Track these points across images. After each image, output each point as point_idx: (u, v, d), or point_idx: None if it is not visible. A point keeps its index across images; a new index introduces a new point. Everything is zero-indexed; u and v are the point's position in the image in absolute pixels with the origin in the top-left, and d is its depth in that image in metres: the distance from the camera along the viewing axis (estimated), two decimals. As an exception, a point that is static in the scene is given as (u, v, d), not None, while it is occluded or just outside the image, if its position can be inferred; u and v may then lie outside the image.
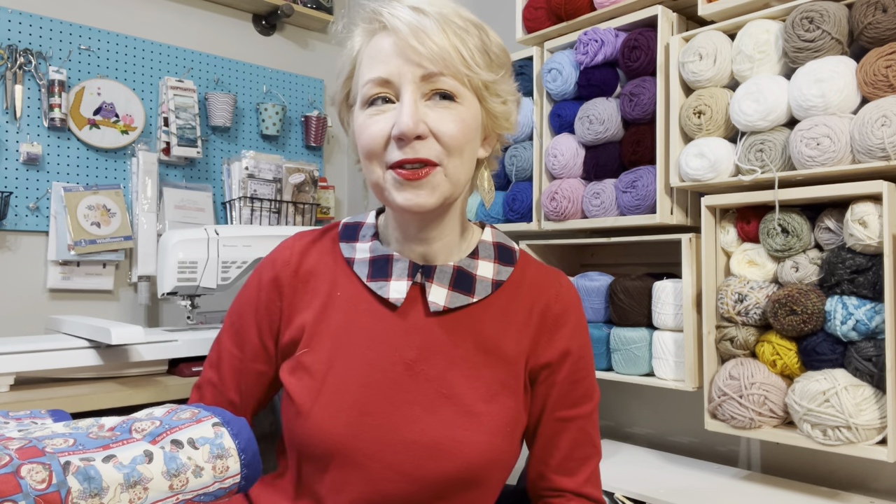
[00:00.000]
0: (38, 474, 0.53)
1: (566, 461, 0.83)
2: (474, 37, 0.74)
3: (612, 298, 1.58)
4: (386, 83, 0.72)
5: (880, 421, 1.16)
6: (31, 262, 2.01)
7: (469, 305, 0.81)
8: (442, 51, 0.70)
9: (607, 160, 1.60)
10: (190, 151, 2.24)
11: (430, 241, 0.81)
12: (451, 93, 0.72)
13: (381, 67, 0.72)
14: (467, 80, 0.73)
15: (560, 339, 0.83)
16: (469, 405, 0.77)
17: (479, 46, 0.74)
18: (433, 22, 0.71)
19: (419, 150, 0.71)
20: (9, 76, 1.96)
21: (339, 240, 0.86)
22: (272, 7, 2.48)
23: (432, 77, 0.71)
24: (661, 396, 1.73)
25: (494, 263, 0.83)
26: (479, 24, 0.76)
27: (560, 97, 1.70)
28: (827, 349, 1.22)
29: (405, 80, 0.71)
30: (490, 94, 0.76)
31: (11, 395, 1.41)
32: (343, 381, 0.77)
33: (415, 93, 0.71)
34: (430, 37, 0.70)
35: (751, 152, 1.32)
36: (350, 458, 0.75)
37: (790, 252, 1.28)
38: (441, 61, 0.71)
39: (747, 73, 1.34)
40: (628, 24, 1.57)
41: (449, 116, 0.72)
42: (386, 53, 0.72)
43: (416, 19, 0.71)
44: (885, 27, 1.17)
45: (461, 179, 0.76)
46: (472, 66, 0.72)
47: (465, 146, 0.74)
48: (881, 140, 1.14)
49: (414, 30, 0.70)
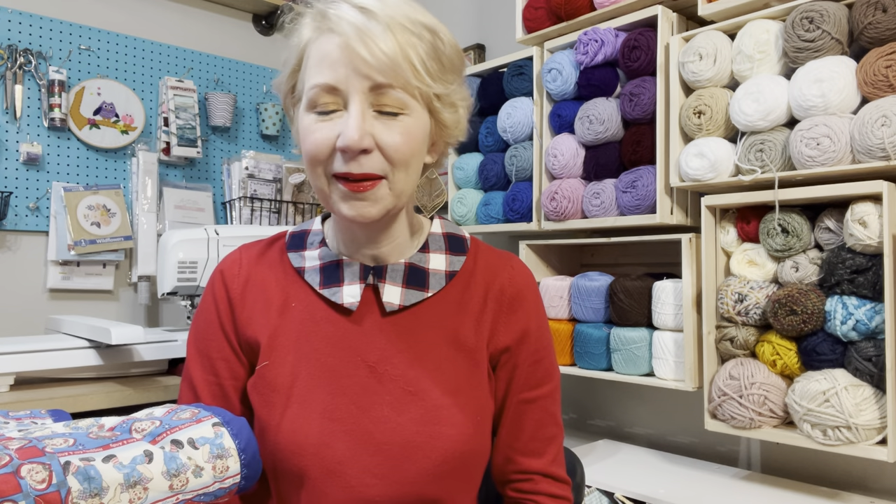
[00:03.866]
0: (38, 474, 0.53)
1: (532, 441, 0.84)
2: (426, 42, 0.70)
3: (612, 298, 1.58)
4: (333, 90, 0.69)
5: (880, 421, 1.16)
6: (31, 262, 2.01)
7: (425, 300, 0.80)
8: (390, 60, 0.67)
9: (607, 160, 1.60)
10: (190, 151, 2.24)
11: (379, 245, 0.80)
12: (397, 107, 0.70)
13: (329, 73, 0.69)
14: (416, 91, 0.70)
15: (517, 321, 0.83)
16: (436, 399, 0.77)
17: (430, 52, 0.71)
18: (381, 26, 0.67)
19: (364, 165, 0.69)
20: (9, 76, 1.96)
21: (287, 250, 0.84)
22: (272, 7, 2.48)
23: (381, 88, 0.68)
24: (661, 396, 1.73)
25: (446, 255, 0.82)
26: (432, 27, 0.72)
27: (560, 97, 1.70)
28: (827, 349, 1.22)
29: (353, 91, 0.68)
30: (441, 104, 0.74)
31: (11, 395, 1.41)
32: (309, 390, 0.77)
33: (362, 103, 0.69)
34: (377, 43, 0.67)
35: (751, 152, 1.32)
36: (325, 468, 0.74)
37: (790, 252, 1.28)
38: (390, 72, 0.68)
39: (747, 73, 1.34)
40: (628, 24, 1.57)
41: (396, 129, 0.70)
42: (333, 59, 0.68)
43: (363, 22, 0.67)
44: (885, 27, 1.17)
45: (405, 191, 0.74)
46: (423, 78, 0.70)
47: (410, 159, 0.72)
48: (881, 140, 1.14)
49: (360, 34, 0.67)
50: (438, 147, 0.79)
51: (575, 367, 1.66)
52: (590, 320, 1.64)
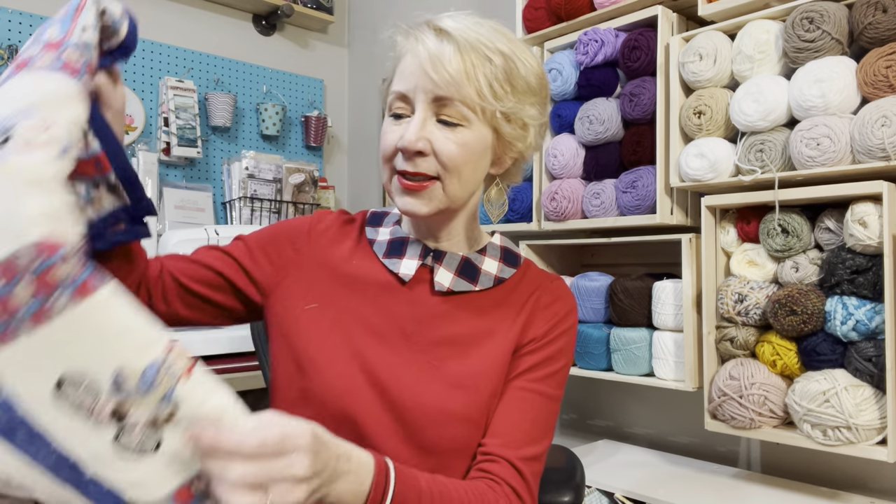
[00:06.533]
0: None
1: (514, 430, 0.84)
2: (497, 66, 0.78)
3: (612, 298, 1.58)
4: (404, 98, 0.79)
5: (880, 421, 1.16)
6: (32, 262, 2.01)
7: (470, 293, 0.87)
8: (453, 79, 0.76)
9: (607, 160, 1.60)
10: (190, 151, 2.24)
11: (437, 240, 0.89)
12: (456, 119, 0.78)
13: (403, 84, 0.79)
14: (478, 107, 0.78)
15: (550, 317, 0.88)
16: (456, 380, 0.82)
17: (499, 75, 0.78)
18: (452, 48, 0.77)
19: (419, 165, 0.78)
20: (9, 76, 1.96)
21: (366, 224, 0.94)
22: (272, 7, 2.48)
23: (443, 101, 0.77)
24: (661, 396, 1.73)
25: (500, 262, 0.90)
26: (508, 53, 0.79)
27: (560, 97, 1.70)
28: (827, 349, 1.22)
29: (419, 100, 0.78)
30: (506, 121, 0.81)
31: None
32: (344, 337, 0.83)
33: (425, 111, 0.78)
34: (445, 65, 0.76)
35: (751, 152, 1.32)
36: (342, 411, 0.79)
37: (790, 252, 1.28)
38: (453, 88, 0.76)
39: (747, 73, 1.34)
40: (628, 25, 1.57)
41: (452, 138, 0.78)
42: (408, 72, 0.79)
43: (437, 46, 0.77)
44: (885, 27, 1.17)
45: (459, 195, 0.82)
46: (485, 96, 0.77)
47: (463, 167, 0.79)
48: (881, 140, 1.14)
49: (432, 57, 0.76)
50: (504, 161, 0.86)
51: (575, 367, 1.67)
52: (590, 320, 1.64)
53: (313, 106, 2.67)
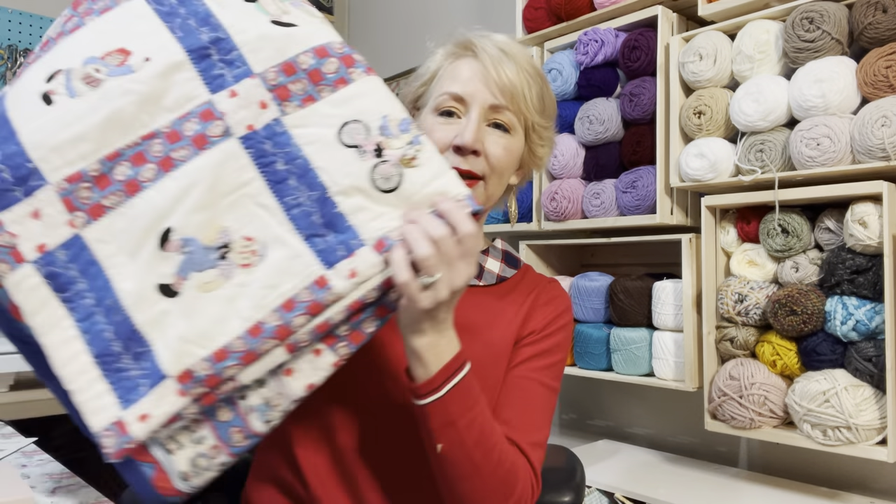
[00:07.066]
0: None
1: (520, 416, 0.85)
2: (538, 85, 0.89)
3: (612, 298, 1.58)
4: (459, 99, 0.85)
5: (880, 421, 1.16)
6: (31, 262, 2.01)
7: (474, 287, 0.90)
8: (512, 86, 0.85)
9: (607, 160, 1.60)
10: (190, 151, 2.24)
11: None
12: (507, 125, 0.86)
13: (460, 86, 0.85)
14: (523, 118, 0.87)
15: (549, 313, 0.91)
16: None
17: (539, 94, 0.89)
18: (512, 63, 0.86)
19: (472, 164, 0.84)
20: (9, 76, 1.96)
21: None
22: (272, 7, 2.48)
23: (498, 108, 0.85)
24: (661, 396, 1.73)
25: (501, 263, 0.94)
26: (543, 77, 0.91)
27: (560, 97, 1.70)
28: (827, 349, 1.22)
29: (476, 103, 0.84)
30: (535, 135, 0.91)
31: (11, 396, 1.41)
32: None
33: (480, 115, 0.84)
34: (507, 72, 0.85)
35: (751, 152, 1.32)
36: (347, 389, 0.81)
37: (790, 252, 1.28)
38: (509, 95, 0.85)
39: (747, 73, 1.34)
40: (628, 25, 1.57)
41: (501, 142, 0.85)
42: (467, 76, 0.86)
43: (500, 56, 0.86)
44: (885, 27, 1.17)
45: (494, 195, 0.89)
46: (530, 108, 0.87)
47: (505, 170, 0.87)
48: (881, 140, 1.14)
49: (496, 62, 0.85)
50: (524, 171, 0.96)
51: (575, 367, 1.67)
52: (590, 320, 1.64)
53: (313, 106, 2.67)
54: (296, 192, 0.66)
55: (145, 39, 0.67)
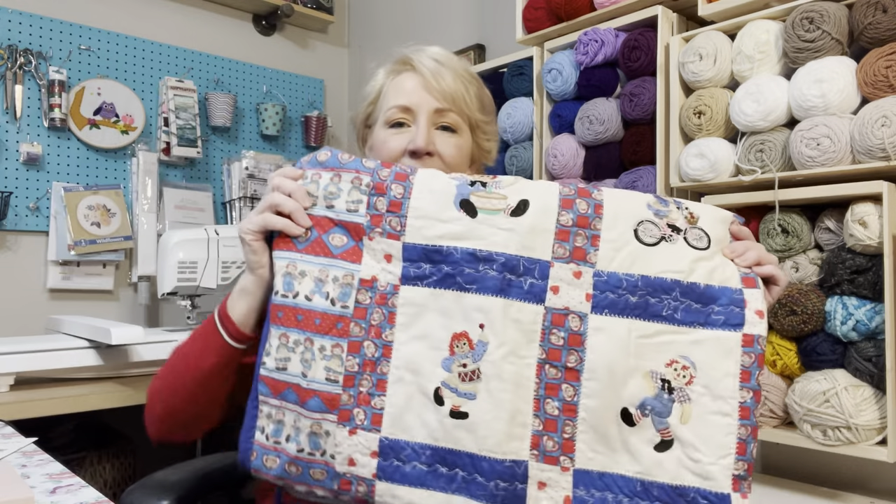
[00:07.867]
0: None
1: None
2: (474, 87, 0.99)
3: (612, 298, 1.57)
4: (407, 110, 0.94)
5: (880, 421, 1.16)
6: (32, 262, 2.01)
7: None
8: (452, 92, 0.94)
9: (607, 160, 1.60)
10: (190, 151, 2.24)
11: None
12: (453, 126, 0.95)
13: (405, 98, 0.94)
14: (466, 118, 0.97)
15: None
16: None
17: (477, 94, 0.99)
18: (448, 71, 0.96)
19: (428, 165, 0.90)
20: (9, 76, 1.96)
21: None
22: (272, 7, 2.48)
23: (442, 112, 0.94)
24: (661, 396, 1.73)
25: None
26: (478, 79, 1.01)
27: (560, 97, 1.70)
28: (827, 349, 1.22)
29: (422, 110, 0.93)
30: (480, 132, 1.01)
31: (11, 395, 1.41)
32: None
33: (428, 121, 0.93)
34: (445, 80, 0.94)
35: (751, 152, 1.32)
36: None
37: (790, 252, 1.28)
38: (451, 100, 0.94)
39: (747, 73, 1.34)
40: (628, 25, 1.57)
41: (451, 142, 0.95)
42: (410, 87, 0.95)
43: (437, 67, 0.96)
44: (885, 27, 1.17)
45: None
46: (471, 108, 0.97)
47: (459, 167, 0.96)
48: (881, 140, 1.14)
49: (434, 73, 0.95)
50: (476, 166, 1.04)
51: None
52: (590, 320, 1.64)
53: (313, 106, 2.67)
54: (663, 304, 0.75)
55: None
